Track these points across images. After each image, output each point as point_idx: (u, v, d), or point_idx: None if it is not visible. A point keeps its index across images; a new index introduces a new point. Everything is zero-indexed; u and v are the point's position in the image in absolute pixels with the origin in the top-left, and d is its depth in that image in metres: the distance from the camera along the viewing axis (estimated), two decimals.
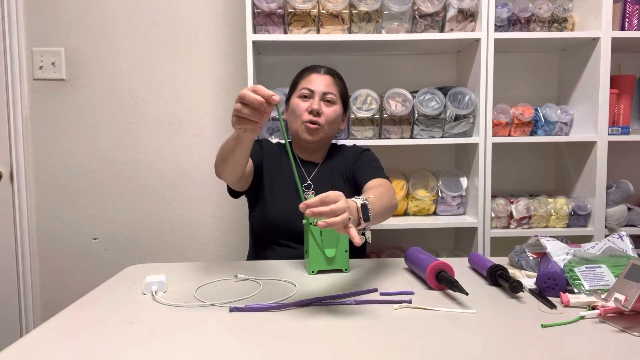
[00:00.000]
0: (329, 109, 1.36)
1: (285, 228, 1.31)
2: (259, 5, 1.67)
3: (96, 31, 1.97)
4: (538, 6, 1.78)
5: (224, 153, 1.12)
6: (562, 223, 1.82)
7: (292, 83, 1.44)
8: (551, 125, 1.83)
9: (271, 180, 1.37)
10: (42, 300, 2.05)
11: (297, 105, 1.35)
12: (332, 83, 1.38)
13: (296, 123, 1.36)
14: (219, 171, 1.18)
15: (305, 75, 1.40)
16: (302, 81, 1.39)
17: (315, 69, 1.40)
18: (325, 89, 1.35)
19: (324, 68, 1.41)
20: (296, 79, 1.43)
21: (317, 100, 1.34)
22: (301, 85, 1.38)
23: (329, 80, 1.38)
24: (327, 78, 1.38)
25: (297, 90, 1.39)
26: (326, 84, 1.36)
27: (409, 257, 1.11)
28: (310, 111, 1.33)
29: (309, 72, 1.40)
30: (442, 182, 1.88)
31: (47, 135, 1.99)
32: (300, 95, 1.37)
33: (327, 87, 1.36)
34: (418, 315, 0.85)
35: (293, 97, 1.39)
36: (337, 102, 1.38)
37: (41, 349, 0.73)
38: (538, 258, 1.08)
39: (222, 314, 0.86)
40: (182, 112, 2.01)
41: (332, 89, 1.37)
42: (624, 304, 0.77)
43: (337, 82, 1.40)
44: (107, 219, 2.03)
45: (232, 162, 1.11)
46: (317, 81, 1.36)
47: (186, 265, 1.20)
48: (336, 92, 1.38)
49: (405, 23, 1.75)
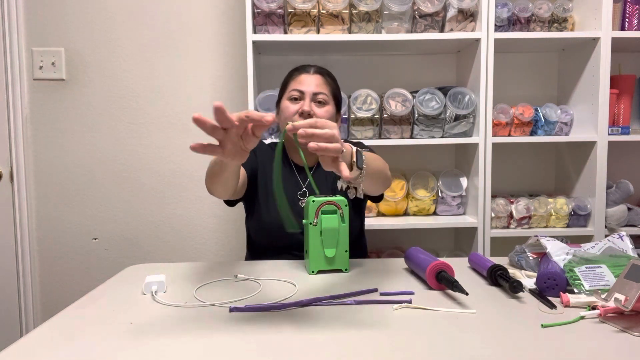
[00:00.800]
0: (320, 109, 1.28)
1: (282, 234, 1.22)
2: (259, 5, 1.67)
3: (96, 31, 1.97)
4: (538, 6, 1.78)
5: (212, 173, 1.05)
6: (562, 223, 1.82)
7: (281, 85, 1.38)
8: (551, 125, 1.83)
9: (266, 185, 1.32)
10: (42, 300, 2.05)
11: (287, 108, 1.29)
12: (323, 82, 1.31)
13: None
14: (209, 189, 1.12)
15: (294, 76, 1.33)
16: (292, 82, 1.32)
17: (305, 69, 1.34)
18: (315, 89, 1.28)
19: (313, 67, 1.34)
20: (285, 80, 1.36)
21: (307, 102, 1.27)
22: (291, 87, 1.31)
23: (319, 80, 1.31)
24: (318, 78, 1.31)
25: (286, 92, 1.32)
26: (317, 84, 1.29)
27: (409, 257, 1.11)
28: (300, 113, 1.27)
29: (298, 73, 1.33)
30: (442, 182, 1.88)
31: (47, 135, 1.99)
32: (290, 97, 1.30)
33: (318, 87, 1.29)
34: (418, 315, 0.85)
35: (283, 100, 1.33)
36: (329, 102, 1.31)
37: (41, 349, 0.73)
38: (538, 258, 1.08)
39: (222, 314, 0.86)
40: (182, 112, 2.01)
41: (323, 89, 1.30)
42: (624, 304, 0.77)
43: (328, 81, 1.33)
44: (107, 219, 2.03)
45: (221, 183, 1.05)
46: (307, 81, 1.30)
47: (186, 265, 1.20)
48: (328, 92, 1.31)
49: (405, 23, 1.75)
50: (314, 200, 1.09)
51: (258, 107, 1.72)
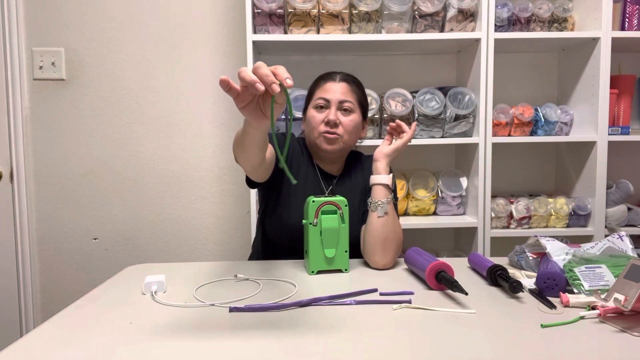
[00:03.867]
0: (346, 118, 1.26)
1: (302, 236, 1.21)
2: (259, 5, 1.67)
3: (96, 31, 1.97)
4: (538, 6, 1.78)
5: (237, 139, 1.02)
6: (562, 223, 1.82)
7: (307, 93, 1.35)
8: (551, 125, 1.83)
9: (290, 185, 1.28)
10: (42, 300, 2.05)
11: (313, 117, 1.27)
12: (349, 90, 1.29)
13: (313, 135, 1.28)
14: (235, 156, 1.09)
15: (320, 84, 1.31)
16: (318, 90, 1.30)
17: (331, 77, 1.31)
18: (341, 97, 1.26)
19: (339, 75, 1.31)
20: (311, 88, 1.34)
21: (333, 111, 1.25)
22: (317, 95, 1.29)
23: (345, 88, 1.28)
24: (343, 86, 1.28)
25: (312, 100, 1.30)
26: (342, 92, 1.27)
27: (409, 257, 1.11)
28: (327, 122, 1.25)
29: (324, 81, 1.31)
30: (442, 182, 1.88)
31: (47, 135, 1.99)
32: (315, 105, 1.28)
33: (344, 95, 1.27)
34: (418, 316, 0.85)
35: (309, 109, 1.31)
36: (355, 110, 1.29)
37: (41, 349, 0.73)
38: (538, 258, 1.08)
39: (222, 314, 0.86)
40: (182, 112, 2.01)
41: (350, 97, 1.27)
42: (623, 304, 0.77)
43: (354, 89, 1.30)
44: (107, 219, 2.03)
45: (243, 149, 1.01)
46: (333, 89, 1.27)
47: (186, 265, 1.20)
48: (354, 100, 1.28)
49: (405, 23, 1.75)
50: (313, 201, 1.10)
51: None
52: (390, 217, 1.18)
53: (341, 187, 1.33)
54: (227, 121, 2.02)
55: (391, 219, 1.18)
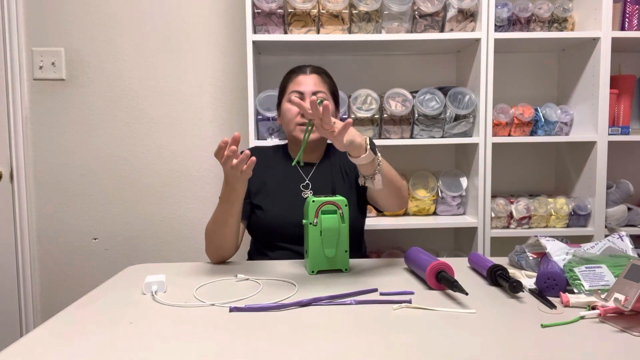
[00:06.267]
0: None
1: (283, 232, 1.30)
2: (259, 5, 1.67)
3: (96, 31, 1.97)
4: (538, 6, 1.78)
5: (211, 227, 1.21)
6: (562, 223, 1.82)
7: (280, 87, 1.42)
8: (551, 125, 1.83)
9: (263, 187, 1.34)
10: (42, 300, 2.04)
11: (289, 110, 1.34)
12: (321, 81, 1.37)
13: (290, 127, 1.35)
14: (209, 248, 1.23)
15: (292, 78, 1.38)
16: (290, 84, 1.37)
17: (301, 70, 1.38)
18: (314, 88, 1.34)
19: (309, 67, 1.39)
20: (283, 82, 1.41)
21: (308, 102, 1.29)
22: (290, 89, 1.36)
23: (317, 80, 1.36)
24: (315, 77, 1.36)
25: (286, 94, 1.37)
26: (314, 83, 1.35)
27: (409, 257, 1.11)
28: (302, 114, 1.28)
29: (296, 74, 1.38)
30: (442, 182, 1.88)
31: (47, 135, 1.99)
32: (290, 99, 1.35)
33: (316, 86, 1.35)
34: (418, 315, 0.85)
35: (283, 102, 1.38)
36: (329, 100, 1.36)
37: (41, 349, 0.73)
38: (538, 258, 1.08)
39: (222, 314, 0.86)
40: (182, 112, 2.01)
41: (322, 88, 1.35)
42: (623, 304, 0.77)
43: (325, 79, 1.39)
44: (107, 219, 2.03)
45: (222, 229, 1.18)
46: (306, 82, 1.35)
47: (186, 265, 1.20)
48: (326, 90, 1.36)
49: (405, 23, 1.75)
50: (314, 201, 1.10)
51: (258, 107, 1.72)
52: (386, 175, 1.15)
53: (321, 172, 1.38)
54: (227, 121, 2.02)
55: (388, 176, 1.16)
